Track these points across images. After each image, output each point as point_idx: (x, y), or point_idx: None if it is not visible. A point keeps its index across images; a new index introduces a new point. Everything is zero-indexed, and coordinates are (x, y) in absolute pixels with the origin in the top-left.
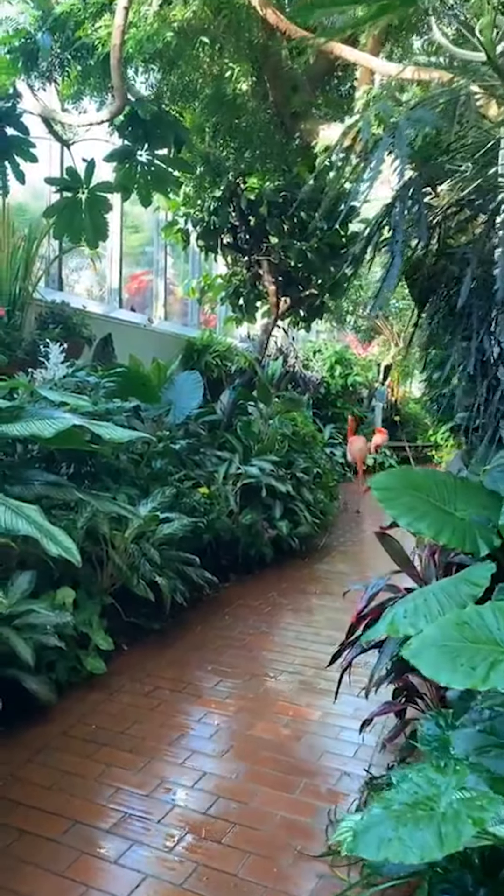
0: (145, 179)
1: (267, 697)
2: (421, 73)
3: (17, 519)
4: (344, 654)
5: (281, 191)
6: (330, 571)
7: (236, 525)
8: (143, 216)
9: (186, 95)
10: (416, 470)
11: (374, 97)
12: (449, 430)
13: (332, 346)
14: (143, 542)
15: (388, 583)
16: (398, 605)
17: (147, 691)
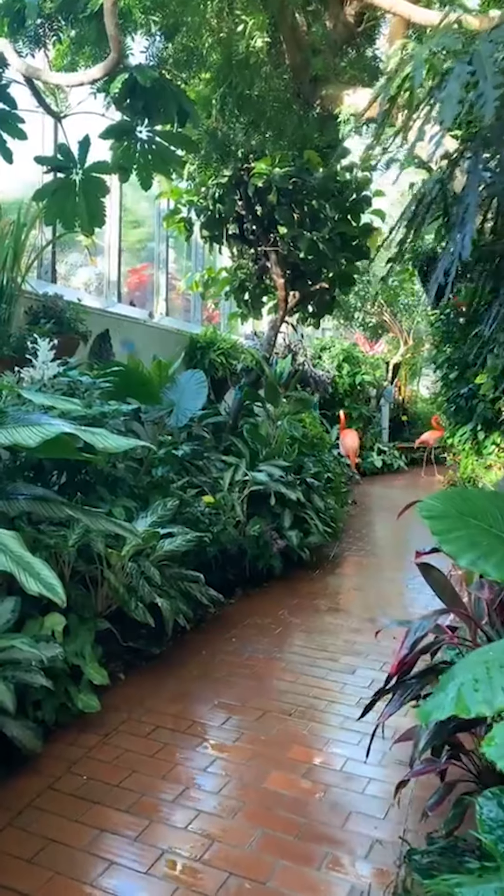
0: (145, 159)
1: (281, 740)
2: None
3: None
4: (383, 710)
5: (291, 177)
6: (343, 586)
7: (243, 536)
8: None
9: (191, 63)
10: (473, 492)
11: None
12: (470, 432)
13: (340, 344)
14: (143, 560)
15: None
16: (459, 670)
17: (146, 732)
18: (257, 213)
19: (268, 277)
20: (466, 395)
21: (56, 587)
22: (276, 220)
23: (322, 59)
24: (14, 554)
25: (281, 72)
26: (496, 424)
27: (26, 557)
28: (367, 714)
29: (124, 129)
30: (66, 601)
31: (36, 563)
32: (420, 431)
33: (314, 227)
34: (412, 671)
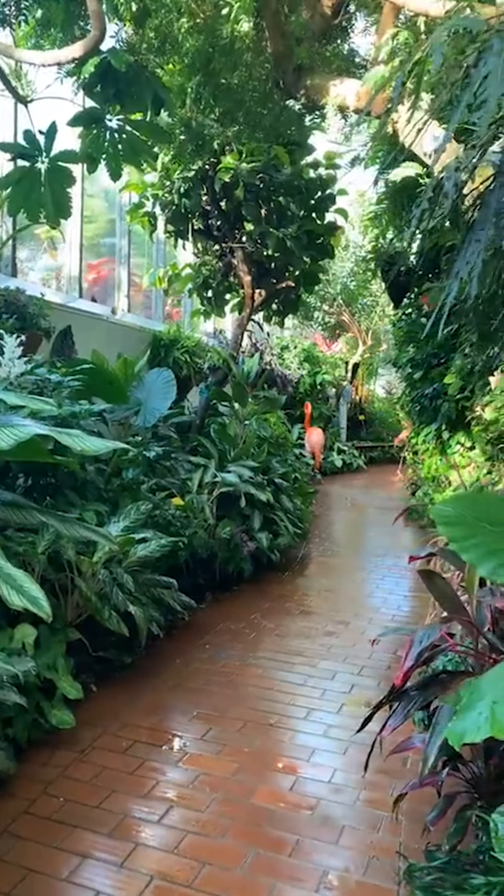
0: (115, 148)
1: (265, 751)
2: (482, 8)
3: None
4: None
5: (258, 173)
6: (314, 588)
7: (213, 539)
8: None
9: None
10: (488, 496)
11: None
12: (434, 431)
13: (301, 343)
14: (115, 567)
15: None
16: (488, 686)
17: (124, 748)
18: (223, 209)
19: (233, 275)
20: (431, 394)
21: (41, 601)
22: (243, 216)
23: (307, 47)
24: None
25: (263, 60)
26: (461, 424)
27: (6, 569)
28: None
29: (94, 117)
30: (51, 615)
31: (18, 574)
32: (377, 431)
33: (280, 224)
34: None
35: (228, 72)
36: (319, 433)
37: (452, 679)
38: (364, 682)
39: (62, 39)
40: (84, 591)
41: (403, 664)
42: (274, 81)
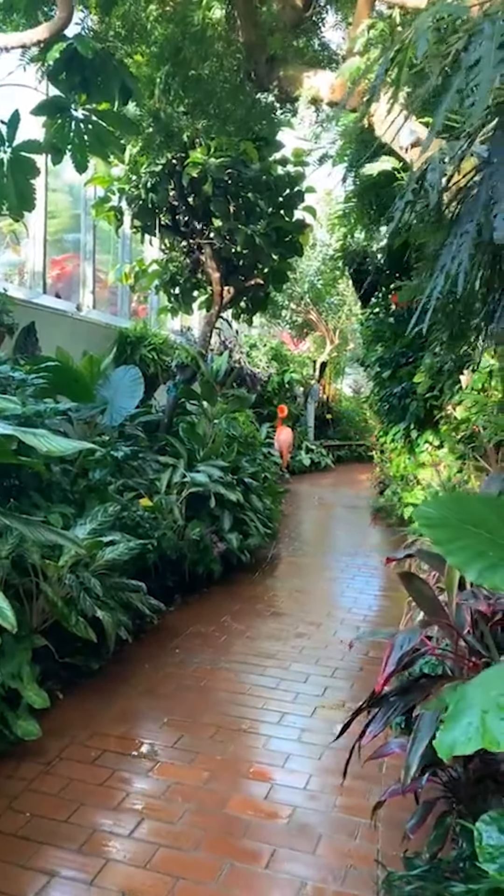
0: (81, 139)
1: (238, 758)
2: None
3: None
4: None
5: (227, 168)
6: (284, 588)
7: (182, 540)
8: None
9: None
10: (470, 496)
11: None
12: (403, 430)
13: (269, 342)
14: (82, 571)
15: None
16: (475, 694)
17: (92, 758)
18: (191, 204)
19: (200, 271)
20: (399, 393)
21: (5, 611)
22: (211, 212)
23: (280, 37)
24: None
25: (234, 50)
26: (429, 423)
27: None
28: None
29: (59, 106)
30: (16, 626)
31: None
32: (344, 429)
33: (249, 220)
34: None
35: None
36: (289, 432)
37: (432, 684)
38: (337, 685)
39: (25, 25)
40: (50, 596)
41: (384, 669)
42: (246, 73)
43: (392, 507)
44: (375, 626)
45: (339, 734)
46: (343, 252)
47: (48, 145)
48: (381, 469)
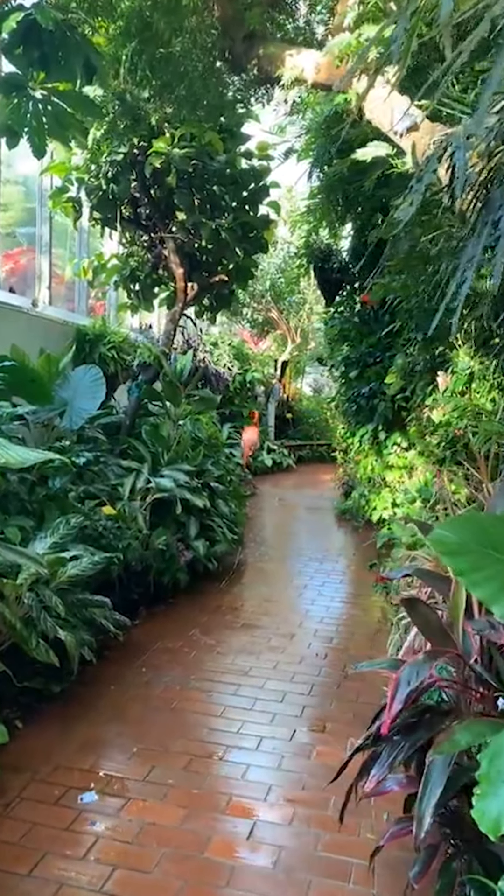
0: (39, 121)
1: (215, 791)
2: None
3: None
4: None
5: (191, 159)
6: (253, 598)
7: (147, 549)
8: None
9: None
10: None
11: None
12: (371, 431)
13: (230, 340)
14: (41, 588)
15: None
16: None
17: (56, 797)
18: (153, 197)
19: (163, 267)
20: (367, 394)
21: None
22: (175, 205)
23: (259, 12)
24: None
25: (209, 25)
26: (397, 424)
27: None
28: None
29: (15, 84)
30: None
31: None
32: (305, 429)
33: (214, 214)
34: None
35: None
36: (254, 431)
37: (439, 720)
38: (315, 703)
39: None
40: (7, 617)
41: (390, 708)
42: (221, 51)
43: (358, 510)
44: (350, 636)
45: (335, 777)
46: (307, 249)
47: (4, 127)
48: (345, 470)
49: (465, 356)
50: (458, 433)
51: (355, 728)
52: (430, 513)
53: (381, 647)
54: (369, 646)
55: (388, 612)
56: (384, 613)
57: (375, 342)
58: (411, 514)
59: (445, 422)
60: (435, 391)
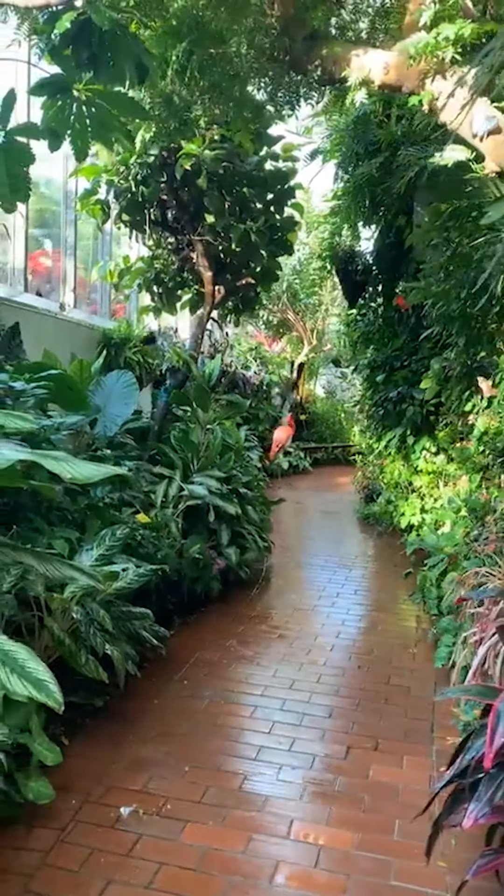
0: (82, 123)
1: (274, 814)
2: None
3: None
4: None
5: (222, 161)
6: (286, 606)
7: (181, 558)
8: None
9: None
10: None
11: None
12: (399, 436)
13: (247, 342)
14: (89, 602)
15: None
16: None
17: (113, 819)
18: (182, 199)
19: (188, 270)
20: (395, 398)
21: (49, 685)
22: (204, 207)
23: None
24: None
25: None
26: (426, 429)
27: (5, 645)
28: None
29: (61, 86)
30: (63, 704)
31: (18, 650)
32: (320, 431)
33: (242, 216)
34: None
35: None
36: (286, 431)
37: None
38: (363, 719)
39: None
40: (56, 632)
41: (491, 741)
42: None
43: (384, 515)
44: (390, 647)
45: (423, 811)
46: (331, 251)
47: (46, 129)
48: (365, 474)
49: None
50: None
51: (408, 745)
52: (474, 523)
53: (422, 659)
54: (411, 658)
55: (424, 621)
56: (419, 622)
57: (401, 345)
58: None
59: (497, 430)
60: (474, 397)
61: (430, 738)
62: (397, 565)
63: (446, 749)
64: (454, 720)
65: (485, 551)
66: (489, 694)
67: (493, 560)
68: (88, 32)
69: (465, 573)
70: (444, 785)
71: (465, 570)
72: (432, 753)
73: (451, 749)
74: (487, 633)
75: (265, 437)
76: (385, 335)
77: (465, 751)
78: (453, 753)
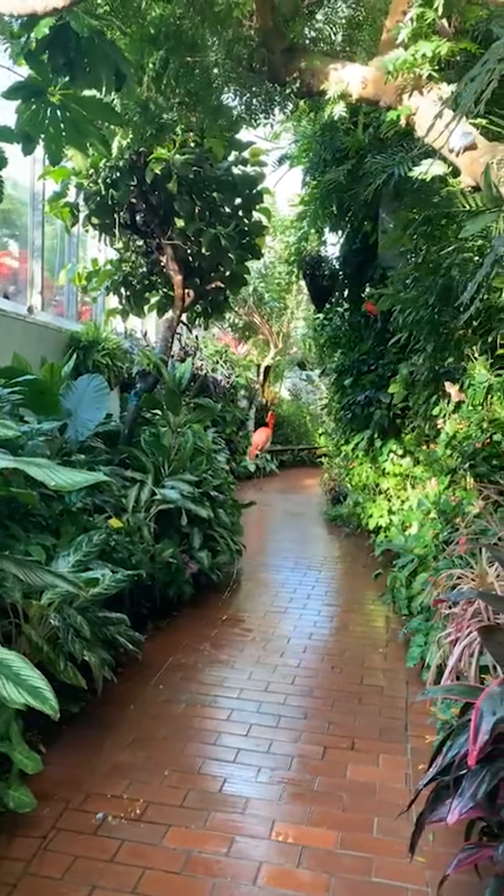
0: (57, 128)
1: (257, 815)
2: None
3: None
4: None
5: (192, 165)
6: (258, 609)
7: (154, 562)
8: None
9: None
10: None
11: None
12: (367, 439)
13: (214, 345)
14: (66, 608)
15: None
16: None
17: (94, 826)
18: (152, 203)
19: (157, 273)
20: (363, 402)
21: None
22: (174, 211)
23: (302, 24)
24: None
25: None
26: (392, 431)
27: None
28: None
29: (36, 90)
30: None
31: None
32: (286, 434)
33: (212, 221)
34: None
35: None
36: (266, 432)
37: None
38: (339, 719)
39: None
40: (34, 639)
41: (474, 739)
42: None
43: (352, 517)
44: (361, 648)
45: (408, 807)
46: (298, 256)
47: (21, 133)
48: (331, 476)
49: (482, 368)
50: (478, 446)
51: (383, 744)
52: (444, 525)
53: (394, 658)
54: (382, 658)
55: (393, 621)
56: (388, 622)
57: (368, 349)
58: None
59: (465, 434)
60: (441, 401)
61: (405, 736)
62: (366, 566)
63: (421, 747)
64: (431, 719)
65: (456, 552)
66: (471, 693)
67: (466, 561)
68: (66, 38)
69: (438, 575)
70: (428, 782)
71: (437, 572)
72: (407, 752)
73: (426, 747)
74: (463, 633)
75: (232, 439)
76: (352, 339)
77: (446, 749)
78: (434, 751)
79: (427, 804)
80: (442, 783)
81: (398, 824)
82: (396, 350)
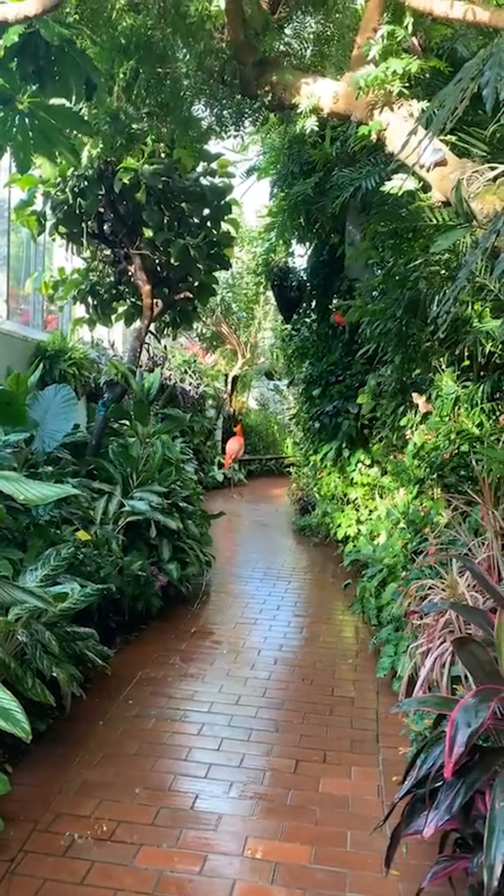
0: (25, 136)
1: (229, 832)
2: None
3: None
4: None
5: (161, 175)
6: (228, 621)
7: (122, 575)
8: None
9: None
10: None
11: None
12: (335, 449)
13: (182, 355)
14: (34, 623)
15: None
16: None
17: (63, 847)
18: (120, 212)
19: (125, 283)
20: (331, 412)
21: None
22: (142, 220)
23: (273, 38)
24: None
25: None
26: (360, 441)
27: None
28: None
29: (4, 97)
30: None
31: None
32: (253, 443)
33: (180, 231)
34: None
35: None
36: (239, 441)
37: (492, 758)
38: (311, 731)
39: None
40: (0, 656)
41: (450, 751)
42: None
43: (320, 527)
44: (332, 659)
45: (381, 822)
46: (266, 267)
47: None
48: (299, 485)
49: (450, 379)
50: (446, 457)
51: (355, 756)
52: (413, 535)
53: (363, 669)
54: (352, 668)
55: (363, 631)
56: (358, 633)
57: (336, 360)
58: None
59: (433, 445)
60: (409, 412)
61: (377, 748)
62: (335, 576)
63: (392, 758)
64: (403, 730)
65: (426, 563)
66: (445, 705)
67: (436, 571)
68: (35, 45)
69: (408, 585)
70: (403, 795)
71: (408, 582)
72: (379, 763)
73: (398, 758)
74: (434, 644)
75: (200, 449)
76: (320, 350)
77: (420, 761)
78: (408, 764)
79: (403, 817)
80: (417, 796)
81: (371, 838)
82: (364, 361)
